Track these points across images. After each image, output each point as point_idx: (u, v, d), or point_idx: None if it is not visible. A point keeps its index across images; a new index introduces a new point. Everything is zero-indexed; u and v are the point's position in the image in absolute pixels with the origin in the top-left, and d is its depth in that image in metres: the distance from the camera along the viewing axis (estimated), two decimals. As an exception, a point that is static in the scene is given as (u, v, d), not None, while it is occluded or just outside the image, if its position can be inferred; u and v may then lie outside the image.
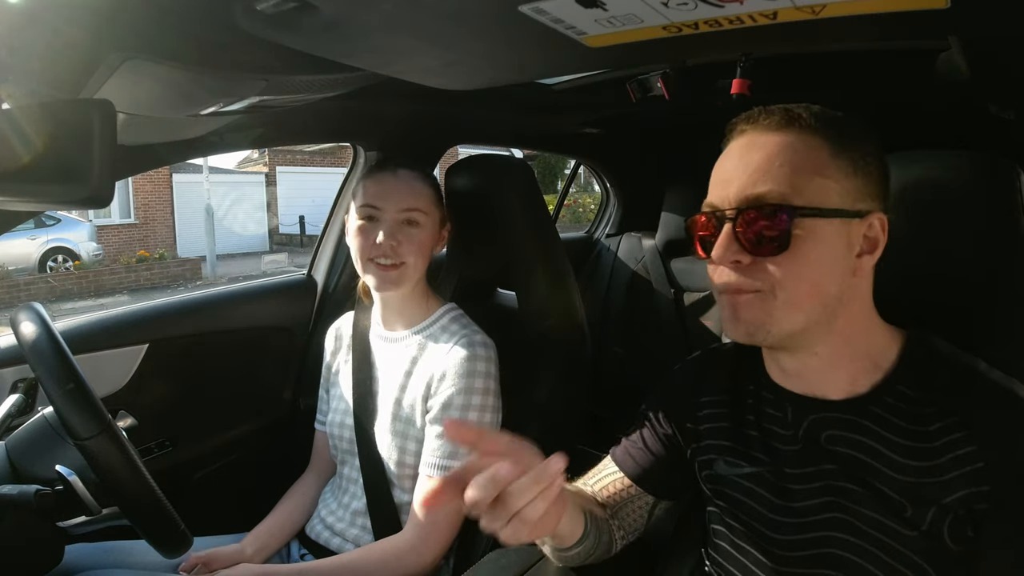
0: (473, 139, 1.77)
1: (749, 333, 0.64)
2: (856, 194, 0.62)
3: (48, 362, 0.77)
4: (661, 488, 0.81)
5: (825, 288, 0.62)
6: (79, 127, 0.50)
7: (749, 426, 0.72)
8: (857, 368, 0.65)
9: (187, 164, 11.52)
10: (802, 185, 0.61)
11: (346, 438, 1.12)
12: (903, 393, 0.63)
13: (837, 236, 0.61)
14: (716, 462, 0.73)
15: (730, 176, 0.64)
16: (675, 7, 0.50)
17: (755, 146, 0.64)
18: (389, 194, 1.03)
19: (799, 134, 0.63)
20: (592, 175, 2.57)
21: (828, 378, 0.66)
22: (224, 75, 0.69)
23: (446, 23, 0.58)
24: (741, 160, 0.64)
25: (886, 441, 0.62)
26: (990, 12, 0.53)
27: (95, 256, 10.56)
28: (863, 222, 0.63)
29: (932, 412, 0.61)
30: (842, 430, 0.64)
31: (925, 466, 0.60)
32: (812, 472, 0.66)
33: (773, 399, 0.71)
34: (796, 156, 0.62)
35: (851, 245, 0.62)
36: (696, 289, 2.09)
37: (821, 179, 0.61)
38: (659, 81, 1.22)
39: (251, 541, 1.10)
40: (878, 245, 0.63)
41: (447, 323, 1.09)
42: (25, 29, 0.55)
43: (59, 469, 0.76)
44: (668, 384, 0.83)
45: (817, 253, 0.61)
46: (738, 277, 0.63)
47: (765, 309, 0.62)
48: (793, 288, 0.61)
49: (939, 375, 0.63)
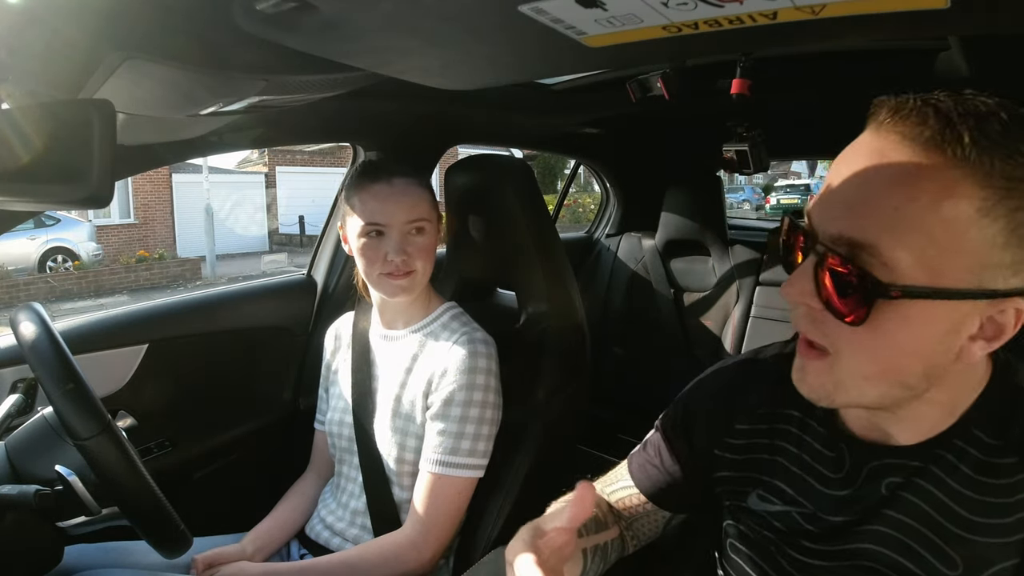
0: (473, 139, 1.77)
1: (814, 398, 0.54)
2: (997, 271, 0.45)
3: (48, 362, 0.77)
4: (678, 506, 0.77)
5: (905, 369, 0.49)
6: (79, 127, 0.50)
7: (789, 459, 0.63)
8: (939, 419, 0.54)
9: (187, 164, 11.52)
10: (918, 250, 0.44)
11: (345, 436, 1.12)
12: (977, 438, 0.53)
13: (942, 319, 0.46)
14: (749, 495, 0.66)
15: (838, 195, 0.49)
16: (675, 7, 0.50)
17: (883, 160, 0.46)
18: (392, 209, 1.01)
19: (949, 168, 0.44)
20: (592, 175, 2.57)
21: (903, 428, 0.56)
22: (224, 75, 0.68)
23: (446, 23, 0.58)
24: (858, 178, 0.47)
25: (950, 491, 0.53)
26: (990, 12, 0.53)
27: (95, 256, 10.56)
28: (992, 305, 0.46)
29: (1010, 464, 0.51)
30: (906, 476, 0.55)
31: (990, 524, 0.51)
32: (857, 519, 0.57)
33: (825, 435, 0.61)
34: (928, 205, 0.44)
35: (960, 330, 0.47)
36: (696, 289, 2.09)
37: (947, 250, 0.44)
38: (659, 81, 1.22)
39: (251, 541, 1.10)
40: (1003, 334, 0.48)
41: (448, 321, 1.09)
42: (25, 29, 0.55)
43: (59, 469, 0.76)
44: (696, 401, 0.73)
45: (903, 335, 0.47)
46: (808, 324, 0.51)
47: (832, 377, 0.51)
48: (863, 364, 0.49)
49: (1019, 420, 0.52)
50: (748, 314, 1.92)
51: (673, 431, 0.75)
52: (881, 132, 0.48)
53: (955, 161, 0.44)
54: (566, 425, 1.21)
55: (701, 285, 2.08)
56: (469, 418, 1.00)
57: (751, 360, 0.72)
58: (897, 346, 0.48)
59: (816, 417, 0.63)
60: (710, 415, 0.70)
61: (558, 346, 1.19)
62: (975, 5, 0.49)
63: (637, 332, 2.17)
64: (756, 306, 1.91)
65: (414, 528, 1.00)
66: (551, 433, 1.16)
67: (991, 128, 0.44)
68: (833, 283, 0.48)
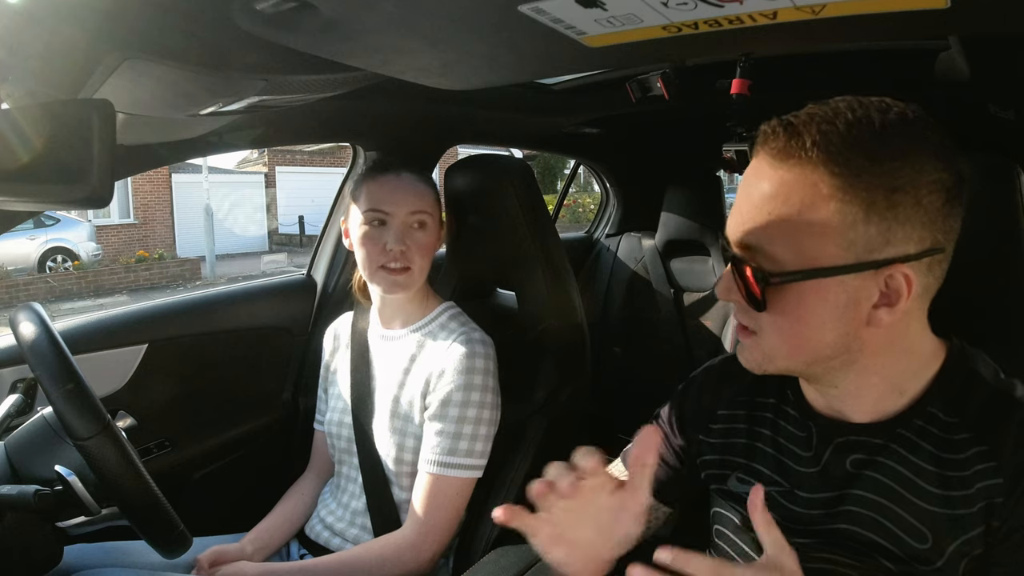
0: (473, 139, 1.77)
1: (750, 368, 0.63)
2: (870, 243, 0.53)
3: (47, 362, 0.77)
4: (671, 497, 0.80)
5: (821, 340, 0.57)
6: (78, 127, 0.50)
7: (765, 442, 0.69)
8: (882, 394, 0.61)
9: (186, 164, 11.52)
10: (789, 241, 0.54)
11: (344, 436, 1.12)
12: (934, 416, 0.59)
13: (834, 293, 0.55)
14: (729, 478, 0.71)
15: (736, 210, 0.59)
16: (675, 7, 0.50)
17: (758, 179, 0.57)
18: (397, 198, 1.02)
19: (798, 170, 0.54)
20: (592, 175, 2.57)
21: (851, 405, 0.62)
22: (224, 75, 0.68)
23: (446, 23, 0.58)
24: (745, 192, 0.59)
25: (914, 467, 0.58)
26: (990, 12, 0.53)
27: (94, 256, 10.57)
28: (878, 274, 0.54)
29: (964, 439, 0.57)
30: (868, 454, 0.61)
31: (953, 496, 0.56)
32: (828, 498, 0.62)
33: (796, 417, 0.68)
34: (787, 205, 0.54)
35: (857, 300, 0.55)
36: (696, 289, 2.09)
37: (817, 235, 0.54)
38: (659, 81, 1.23)
39: (250, 540, 1.10)
40: (900, 298, 0.54)
41: (446, 321, 1.09)
42: (24, 29, 0.55)
43: (58, 469, 0.76)
44: (683, 394, 0.80)
45: (803, 311, 0.56)
46: (739, 312, 0.62)
47: (760, 351, 0.60)
48: (779, 341, 0.58)
49: (973, 399, 0.58)
50: (748, 314, 1.91)
51: (668, 425, 0.79)
52: (758, 156, 0.59)
53: (804, 161, 0.54)
54: (566, 425, 1.21)
55: (701, 285, 2.08)
56: (467, 418, 1.00)
57: (734, 357, 0.78)
58: (800, 321, 0.57)
59: (788, 401, 0.69)
60: (697, 405, 0.77)
61: (558, 346, 1.19)
62: (975, 5, 0.49)
63: (637, 332, 2.17)
64: (756, 306, 1.91)
65: (413, 528, 1.00)
66: (551, 433, 1.16)
67: (834, 127, 0.53)
68: (740, 279, 0.58)
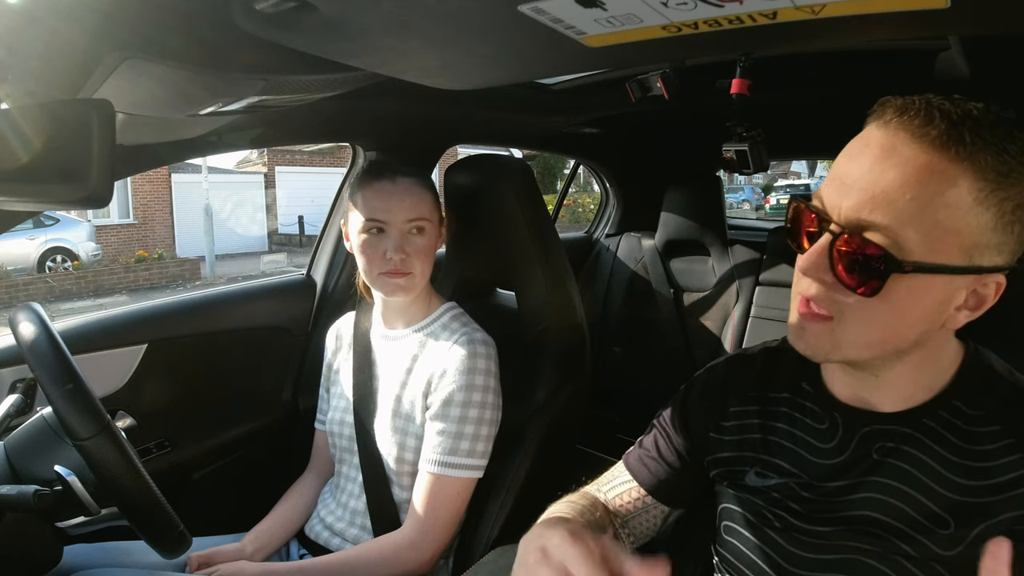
0: (473, 139, 1.77)
1: (809, 354, 0.60)
2: (985, 250, 0.53)
3: (47, 362, 0.77)
4: (676, 498, 0.79)
5: (903, 336, 0.57)
6: (78, 127, 0.50)
7: (781, 436, 0.69)
8: (916, 386, 0.62)
9: (186, 164, 11.52)
10: (924, 232, 0.52)
11: (346, 435, 1.12)
12: (958, 409, 0.60)
13: (939, 291, 0.54)
14: (747, 474, 0.70)
15: (852, 183, 0.54)
16: (675, 7, 0.50)
17: (895, 158, 0.53)
18: (394, 206, 1.02)
19: (952, 164, 0.51)
20: (592, 175, 2.57)
21: (883, 394, 0.63)
22: (223, 75, 0.68)
23: (446, 23, 0.58)
24: (872, 169, 0.53)
25: (939, 457, 0.59)
26: (990, 12, 0.53)
27: (94, 256, 10.56)
28: (979, 279, 0.54)
29: (989, 431, 0.58)
30: (896, 442, 0.61)
31: (975, 485, 0.57)
32: (850, 485, 0.63)
33: (814, 410, 0.67)
34: (934, 195, 0.51)
35: (951, 300, 0.55)
36: (696, 289, 2.09)
37: (948, 232, 0.52)
38: (659, 81, 1.22)
39: (250, 540, 1.10)
40: (984, 304, 0.56)
41: (448, 321, 1.09)
42: (23, 29, 0.55)
43: (58, 469, 0.76)
44: (687, 394, 0.79)
45: (906, 305, 0.54)
46: (816, 293, 0.57)
47: (832, 339, 0.57)
48: (867, 331, 0.56)
49: (995, 394, 0.60)
50: (748, 314, 1.91)
51: (671, 425, 0.78)
52: (889, 129, 0.54)
53: (957, 158, 0.51)
54: (566, 425, 1.21)
55: (701, 285, 2.08)
56: (468, 418, 1.00)
57: (740, 355, 0.79)
58: (900, 314, 0.55)
59: (805, 394, 0.69)
60: (705, 404, 0.76)
61: (558, 346, 1.19)
62: (975, 5, 0.49)
63: (637, 332, 2.17)
64: (756, 306, 1.91)
65: (413, 528, 1.00)
66: (551, 433, 1.16)
67: (985, 129, 0.52)
68: (848, 258, 0.54)
